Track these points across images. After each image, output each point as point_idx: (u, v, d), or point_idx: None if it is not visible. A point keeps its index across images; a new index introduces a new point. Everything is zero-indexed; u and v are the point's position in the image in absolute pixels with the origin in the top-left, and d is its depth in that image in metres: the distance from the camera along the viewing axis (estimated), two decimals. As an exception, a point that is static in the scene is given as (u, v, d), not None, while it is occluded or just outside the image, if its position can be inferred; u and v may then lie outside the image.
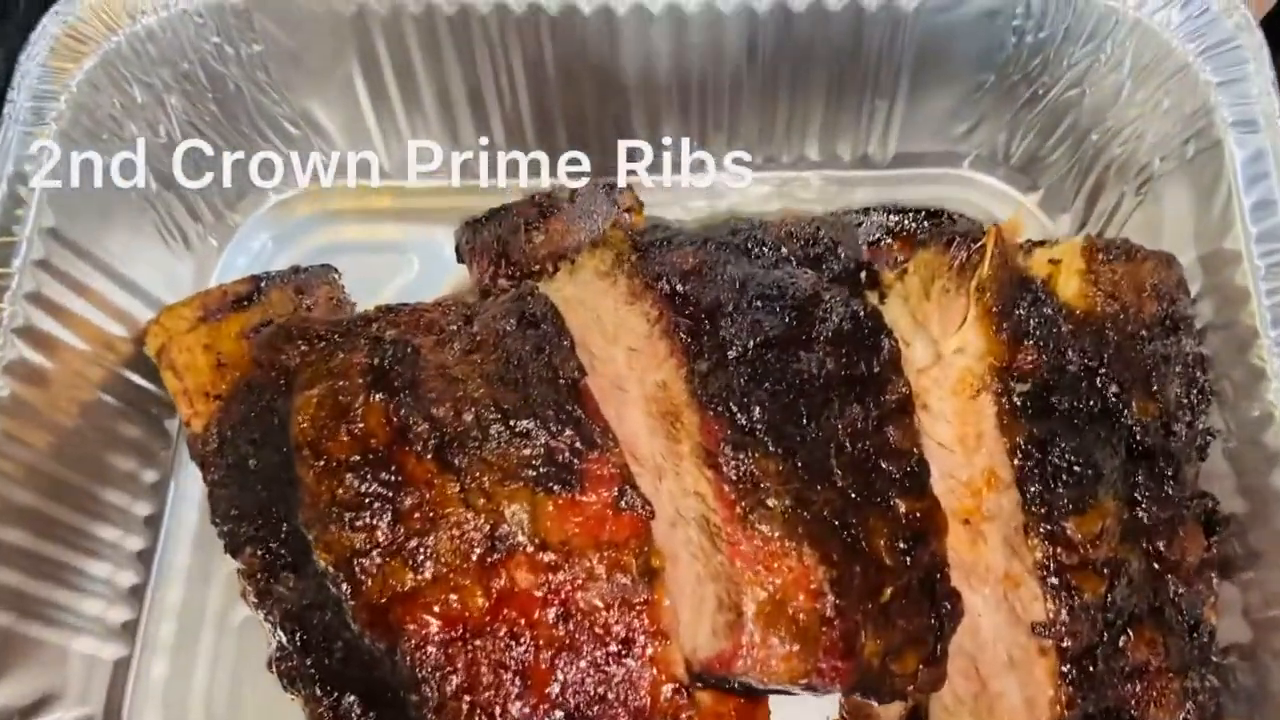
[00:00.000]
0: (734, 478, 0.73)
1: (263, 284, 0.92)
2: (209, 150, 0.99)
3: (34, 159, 0.86)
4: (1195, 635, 0.76)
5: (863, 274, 0.87)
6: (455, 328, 0.83)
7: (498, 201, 0.95)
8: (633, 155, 0.99)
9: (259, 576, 0.83)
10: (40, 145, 0.86)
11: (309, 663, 0.80)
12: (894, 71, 0.95)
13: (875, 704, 0.78)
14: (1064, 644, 0.72)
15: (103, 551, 0.89)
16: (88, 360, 0.89)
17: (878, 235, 0.91)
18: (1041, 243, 0.85)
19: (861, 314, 0.82)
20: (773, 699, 0.80)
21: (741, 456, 0.73)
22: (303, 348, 0.82)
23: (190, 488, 0.96)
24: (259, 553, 0.83)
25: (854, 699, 0.82)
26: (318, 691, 0.80)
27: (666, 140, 0.99)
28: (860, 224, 0.92)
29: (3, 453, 0.81)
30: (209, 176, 1.00)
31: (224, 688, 0.90)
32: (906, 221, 0.92)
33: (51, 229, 0.85)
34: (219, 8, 0.92)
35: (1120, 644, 0.73)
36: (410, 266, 1.02)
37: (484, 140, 1.02)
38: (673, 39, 0.92)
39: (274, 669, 0.81)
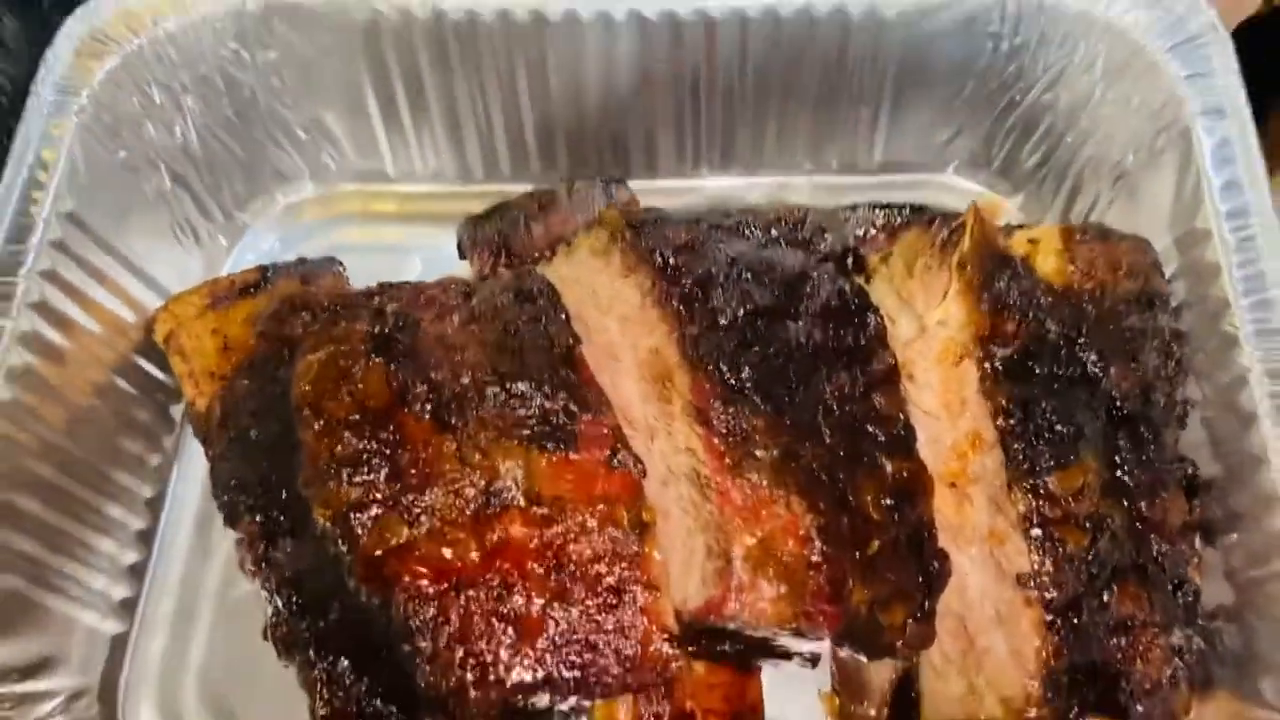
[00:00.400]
0: (724, 431, 0.75)
1: (269, 273, 0.95)
2: (222, 152, 1.04)
3: (54, 147, 0.90)
4: (1180, 594, 0.77)
5: (849, 259, 0.90)
6: (455, 303, 0.86)
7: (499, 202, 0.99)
8: (630, 159, 1.04)
9: (258, 544, 0.84)
10: (62, 135, 0.90)
11: (304, 627, 0.81)
12: (879, 79, 0.99)
13: (865, 661, 0.79)
14: (1048, 595, 0.73)
15: (109, 528, 0.91)
16: (100, 342, 0.91)
17: (864, 229, 0.94)
18: (1020, 226, 0.89)
19: (847, 290, 0.85)
20: (766, 674, 0.81)
21: (731, 411, 0.75)
22: (306, 318, 0.85)
23: (192, 468, 0.97)
24: (258, 520, 0.84)
25: (845, 668, 0.82)
26: (312, 656, 0.80)
27: (661, 144, 1.04)
28: (848, 219, 0.95)
29: (20, 424, 0.83)
30: (221, 177, 1.05)
31: (220, 662, 0.90)
32: (892, 215, 0.95)
33: (69, 213, 0.89)
34: (238, 14, 0.97)
35: (1105, 598, 0.74)
36: (413, 266, 1.05)
37: (487, 145, 1.06)
38: (668, 44, 0.97)
39: (269, 636, 0.82)
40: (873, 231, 0.94)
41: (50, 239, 0.87)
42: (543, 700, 0.72)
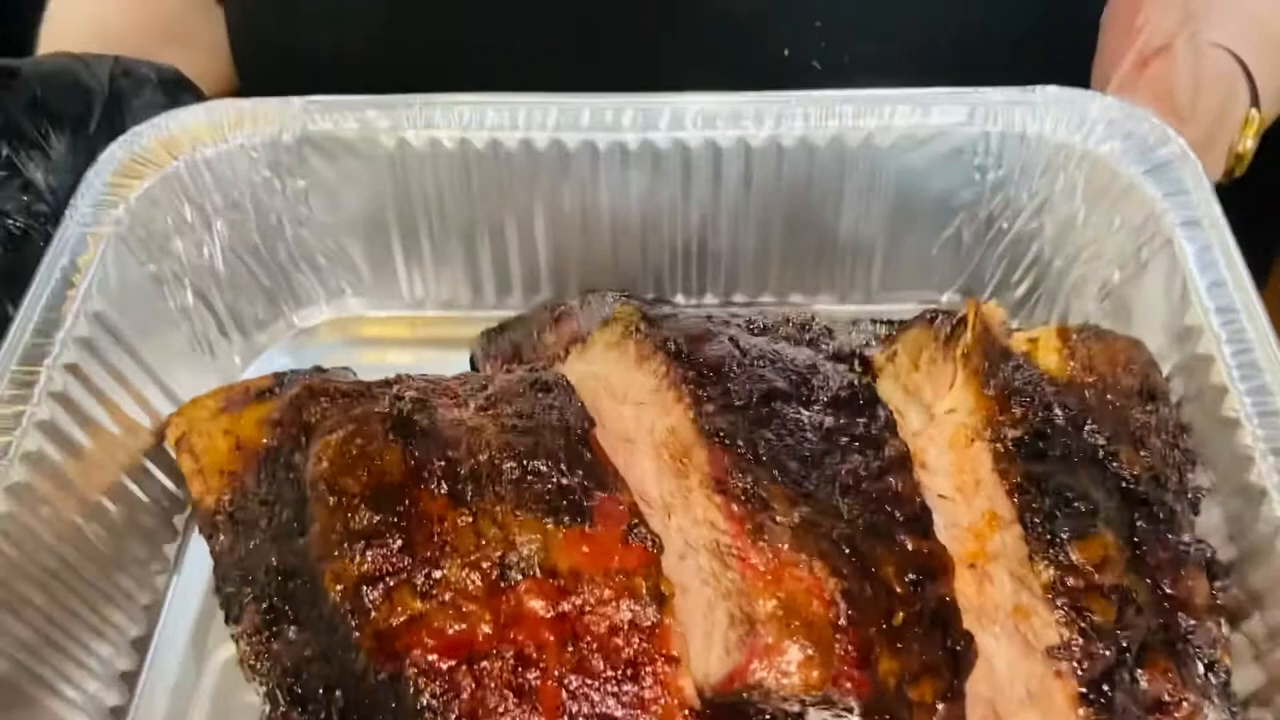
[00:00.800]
0: (742, 498, 0.75)
1: (284, 380, 0.97)
2: (244, 274, 1.08)
3: (89, 253, 0.94)
4: (1212, 674, 0.75)
5: (855, 359, 0.93)
6: (471, 392, 0.87)
7: (512, 324, 1.03)
8: (639, 284, 1.09)
9: (260, 635, 0.81)
10: (96, 244, 0.94)
11: (304, 721, 0.77)
12: (876, 207, 1.05)
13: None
14: (1080, 667, 0.71)
15: (105, 631, 0.88)
16: (114, 442, 0.91)
17: (867, 338, 0.98)
18: (1018, 329, 0.92)
19: (856, 383, 0.88)
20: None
21: (749, 479, 0.76)
22: (324, 404, 0.85)
23: (191, 577, 0.95)
24: (261, 609, 0.82)
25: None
26: (311, 755, 0.77)
27: (668, 269, 1.09)
28: (851, 331, 0.99)
29: (31, 509, 0.82)
30: (241, 298, 1.08)
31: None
32: (893, 329, 0.98)
33: (97, 313, 0.91)
34: (273, 144, 1.04)
35: (1136, 674, 0.72)
36: (425, 385, 1.07)
37: (501, 270, 1.11)
38: (679, 173, 1.03)
39: (267, 741, 0.78)
40: (875, 342, 0.97)
41: (77, 335, 0.89)
42: (559, 776, 0.68)
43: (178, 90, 1.08)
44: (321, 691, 0.76)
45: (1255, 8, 1.15)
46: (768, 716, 0.71)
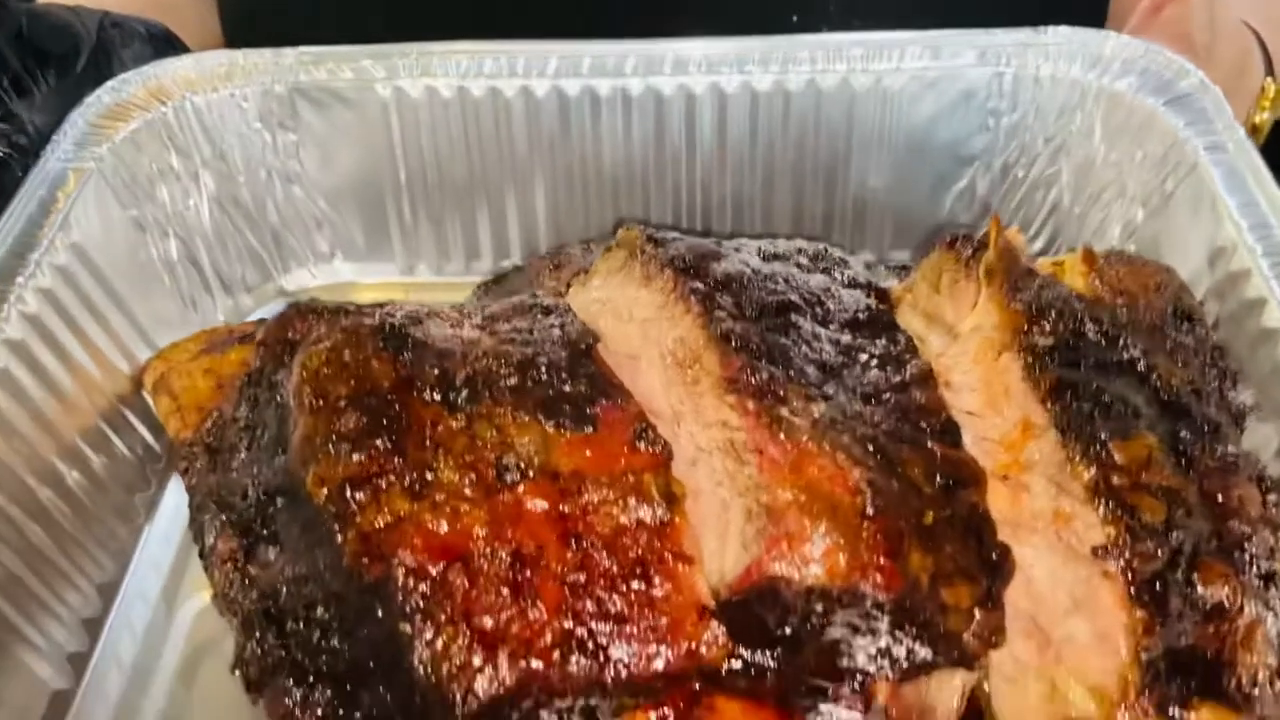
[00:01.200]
0: (758, 395, 0.69)
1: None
2: (231, 231, 1.04)
3: (68, 188, 0.90)
4: (1274, 584, 0.68)
5: (870, 290, 0.88)
6: (468, 314, 0.82)
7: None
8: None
9: (236, 562, 0.75)
10: (78, 181, 0.90)
11: (281, 651, 0.70)
12: (886, 154, 1.02)
13: (927, 686, 0.68)
14: (1130, 565, 0.65)
15: (73, 577, 0.81)
16: (88, 378, 0.86)
17: (881, 278, 0.93)
18: (1041, 256, 0.88)
19: (875, 307, 0.83)
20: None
21: (765, 377, 0.70)
22: (311, 320, 0.80)
23: (161, 528, 0.89)
24: (238, 535, 0.75)
25: (904, 702, 0.71)
26: (288, 683, 0.69)
27: (674, 217, 1.05)
28: (866, 266, 0.94)
29: (7, 439, 0.77)
30: (227, 256, 1.04)
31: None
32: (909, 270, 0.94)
33: (75, 244, 0.87)
34: (265, 94, 1.01)
35: (1191, 578, 0.66)
36: (418, 344, 1.02)
37: (499, 226, 1.07)
38: (682, 119, 1.00)
39: (238, 670, 0.71)
40: (891, 278, 0.93)
41: (53, 262, 0.84)
42: (557, 678, 0.61)
43: (167, 47, 1.06)
44: (302, 610, 0.69)
45: None
46: (790, 621, 0.65)
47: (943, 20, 1.00)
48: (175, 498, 0.90)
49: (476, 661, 0.62)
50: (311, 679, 0.68)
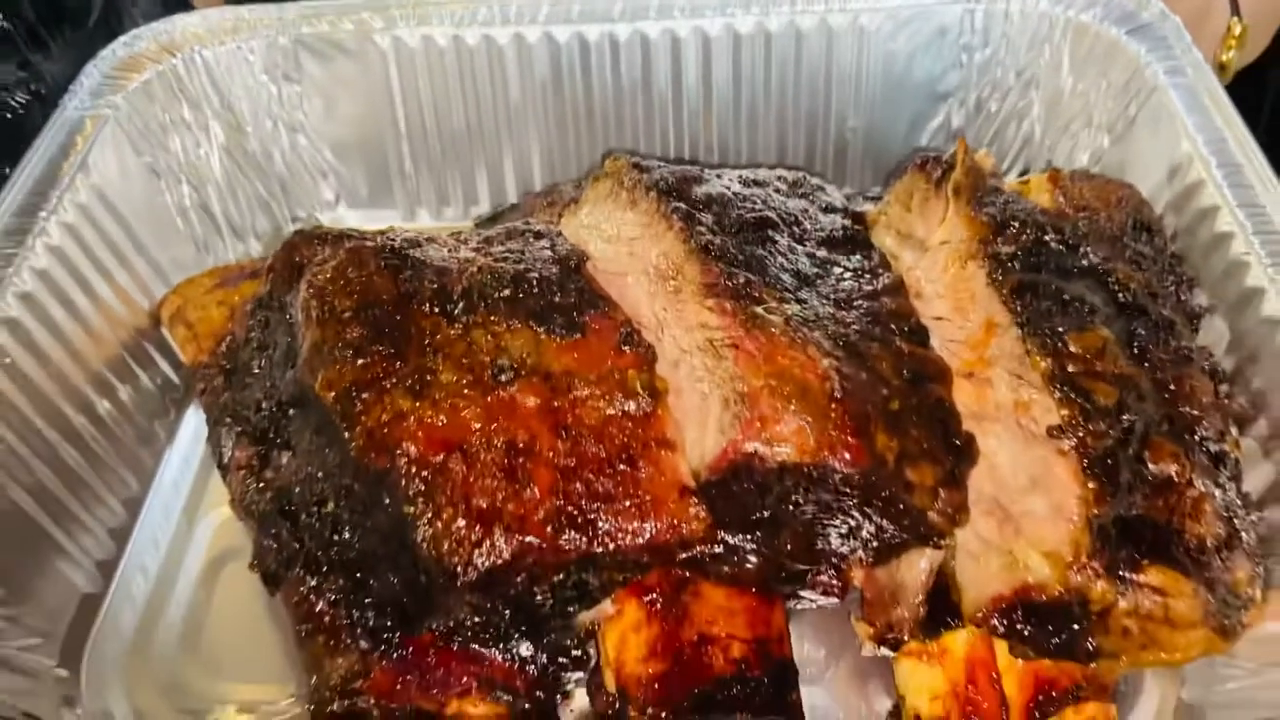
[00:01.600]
0: (735, 297, 0.74)
1: (280, 261, 0.97)
2: (240, 179, 1.09)
3: (85, 134, 0.95)
4: (1222, 465, 0.73)
5: (846, 214, 0.93)
6: (464, 239, 0.87)
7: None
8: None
9: (252, 468, 0.80)
10: (93, 128, 0.96)
11: (296, 544, 0.75)
12: (864, 91, 1.06)
13: (896, 566, 0.73)
14: (1083, 442, 0.70)
15: (100, 492, 0.87)
16: (110, 311, 0.91)
17: (858, 203, 0.98)
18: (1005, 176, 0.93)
19: (850, 226, 0.88)
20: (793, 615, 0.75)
21: (742, 281, 0.75)
22: (317, 245, 0.85)
23: (184, 448, 0.94)
24: (253, 444, 0.81)
25: (876, 585, 0.76)
26: (302, 573, 0.75)
27: (663, 155, 1.10)
28: (844, 193, 0.99)
29: (37, 358, 0.83)
30: (237, 202, 1.09)
31: (191, 637, 0.83)
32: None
33: (95, 185, 0.92)
34: (270, 46, 1.06)
35: (1143, 456, 0.71)
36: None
37: (495, 173, 1.12)
38: (669, 61, 1.05)
39: (256, 567, 0.77)
40: (868, 206, 0.97)
41: (75, 200, 0.90)
42: (550, 552, 0.66)
43: (175, 4, 1.10)
44: (314, 505, 0.75)
45: None
46: (767, 501, 0.69)
47: None
48: (193, 425, 0.95)
49: (474, 537, 0.67)
50: (325, 568, 0.74)
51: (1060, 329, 0.75)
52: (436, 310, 0.77)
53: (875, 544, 0.71)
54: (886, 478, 0.69)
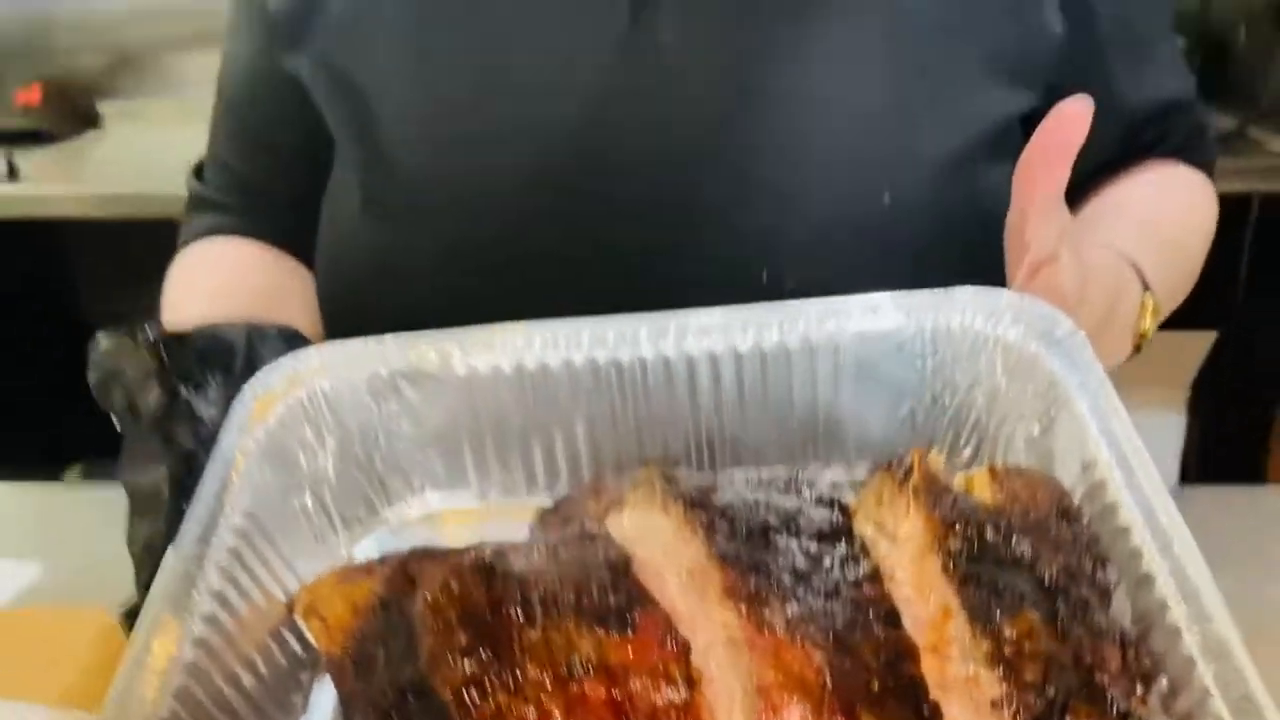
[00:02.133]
0: (747, 601, 0.98)
1: (385, 559, 1.23)
2: (350, 480, 1.35)
3: (238, 467, 1.22)
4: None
5: (834, 505, 1.18)
6: (534, 548, 1.12)
7: (562, 502, 1.30)
8: (661, 467, 1.36)
9: (381, 745, 1.03)
10: (244, 459, 1.23)
11: (420, 809, 0.98)
12: (844, 397, 1.33)
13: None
14: (1017, 713, 0.92)
15: (249, 760, 1.10)
16: (259, 609, 1.17)
17: (843, 490, 1.23)
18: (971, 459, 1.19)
19: (835, 521, 1.13)
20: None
21: (753, 584, 1.00)
22: (424, 562, 1.10)
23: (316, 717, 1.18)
24: (383, 724, 1.04)
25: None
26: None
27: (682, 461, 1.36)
28: (830, 484, 1.24)
29: (211, 657, 1.07)
30: (348, 501, 1.35)
31: None
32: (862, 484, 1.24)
33: (247, 511, 1.19)
34: (373, 377, 1.34)
35: (1065, 718, 0.93)
36: (494, 559, 1.32)
37: (551, 468, 1.38)
38: (686, 380, 1.33)
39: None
40: (850, 490, 1.22)
41: (234, 525, 1.16)
42: (622, 816, 0.89)
43: (295, 341, 1.40)
44: (433, 782, 0.98)
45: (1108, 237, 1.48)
46: (780, 766, 0.92)
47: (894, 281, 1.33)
48: (325, 696, 1.19)
49: (564, 807, 0.90)
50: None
51: (997, 615, 0.99)
52: (522, 616, 1.02)
53: (866, 796, 0.94)
54: (869, 746, 0.91)
